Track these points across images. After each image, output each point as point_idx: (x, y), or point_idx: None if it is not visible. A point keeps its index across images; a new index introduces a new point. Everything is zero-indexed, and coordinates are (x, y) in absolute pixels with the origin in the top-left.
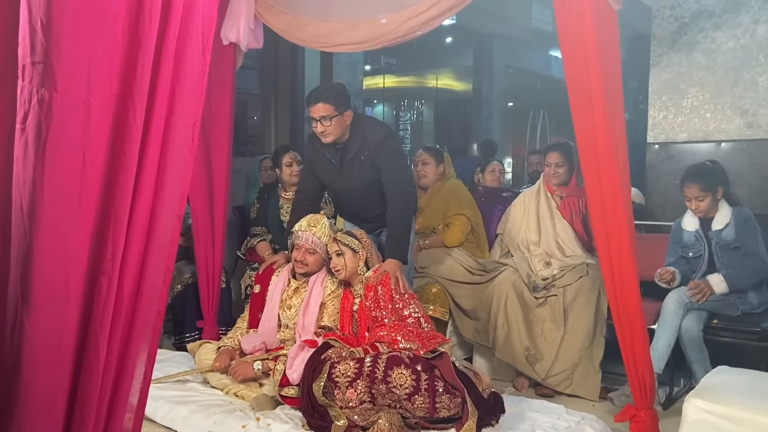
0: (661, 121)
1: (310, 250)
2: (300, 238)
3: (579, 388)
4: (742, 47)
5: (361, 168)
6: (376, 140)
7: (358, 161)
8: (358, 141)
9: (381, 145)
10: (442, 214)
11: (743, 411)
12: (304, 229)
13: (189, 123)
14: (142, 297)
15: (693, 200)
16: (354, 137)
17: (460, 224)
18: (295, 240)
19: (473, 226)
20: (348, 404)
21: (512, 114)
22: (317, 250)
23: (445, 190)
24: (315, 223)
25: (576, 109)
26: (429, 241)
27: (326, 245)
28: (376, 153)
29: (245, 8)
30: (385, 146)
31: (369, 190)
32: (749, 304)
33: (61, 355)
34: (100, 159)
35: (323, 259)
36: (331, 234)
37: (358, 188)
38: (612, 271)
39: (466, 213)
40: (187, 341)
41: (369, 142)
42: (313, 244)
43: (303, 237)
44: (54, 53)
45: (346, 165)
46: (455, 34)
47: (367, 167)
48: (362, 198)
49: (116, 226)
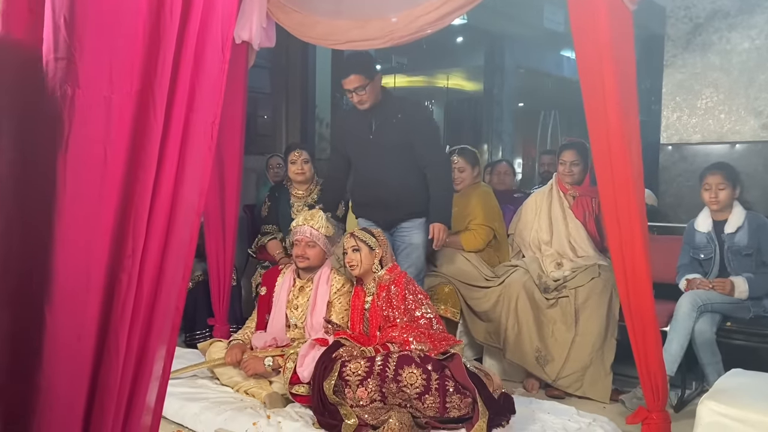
0: (674, 122)
1: (310, 243)
2: (298, 233)
3: (590, 390)
4: (757, 48)
5: (392, 132)
6: (408, 105)
7: (389, 125)
8: (391, 103)
9: (413, 111)
10: (468, 219)
11: (758, 414)
12: (301, 224)
13: (208, 120)
14: (161, 293)
15: (714, 188)
16: (386, 99)
17: (483, 233)
18: (293, 236)
19: (496, 235)
20: (358, 403)
21: (523, 114)
22: (317, 243)
23: (475, 195)
24: (311, 216)
25: (590, 109)
26: (450, 239)
27: (325, 237)
28: (409, 118)
29: (258, 7)
30: (418, 114)
31: (397, 159)
32: (762, 307)
33: (81, 350)
34: (121, 155)
35: (324, 251)
36: (329, 225)
37: (387, 154)
38: (625, 273)
39: (494, 225)
40: (197, 338)
41: (402, 105)
42: (312, 236)
43: (301, 231)
44: (77, 50)
45: (376, 130)
46: (466, 33)
47: (398, 132)
48: (388, 170)
49: (136, 222)
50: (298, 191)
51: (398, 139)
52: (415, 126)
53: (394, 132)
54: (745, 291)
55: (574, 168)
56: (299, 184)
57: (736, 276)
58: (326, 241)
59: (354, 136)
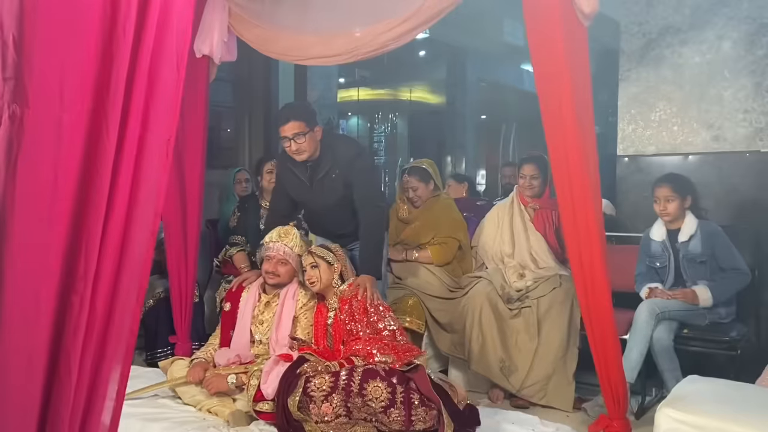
0: (630, 134)
1: (282, 260)
2: (271, 249)
3: (553, 399)
4: (708, 62)
5: (332, 185)
6: (347, 158)
7: (329, 179)
8: (329, 159)
9: (352, 162)
10: (432, 232)
11: (714, 420)
12: (275, 240)
13: (163, 139)
14: (115, 315)
15: (662, 201)
16: (324, 155)
17: (451, 246)
18: (265, 252)
19: (461, 246)
20: (323, 419)
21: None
22: (289, 261)
23: (437, 207)
24: (285, 234)
25: (547, 122)
26: (418, 255)
27: (298, 255)
28: (347, 171)
29: (218, 21)
30: (356, 164)
31: (340, 207)
32: (717, 314)
33: (31, 374)
34: (73, 175)
35: (294, 269)
36: (302, 244)
37: (330, 206)
38: (584, 282)
39: (458, 237)
40: (159, 357)
41: (340, 160)
42: (285, 254)
43: (274, 248)
44: (26, 69)
45: (317, 183)
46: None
47: (339, 185)
48: (334, 215)
49: (89, 243)
50: (267, 202)
51: (338, 193)
52: (353, 178)
53: (333, 186)
54: (708, 299)
55: (534, 181)
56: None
57: (692, 284)
58: (298, 259)
59: (296, 184)
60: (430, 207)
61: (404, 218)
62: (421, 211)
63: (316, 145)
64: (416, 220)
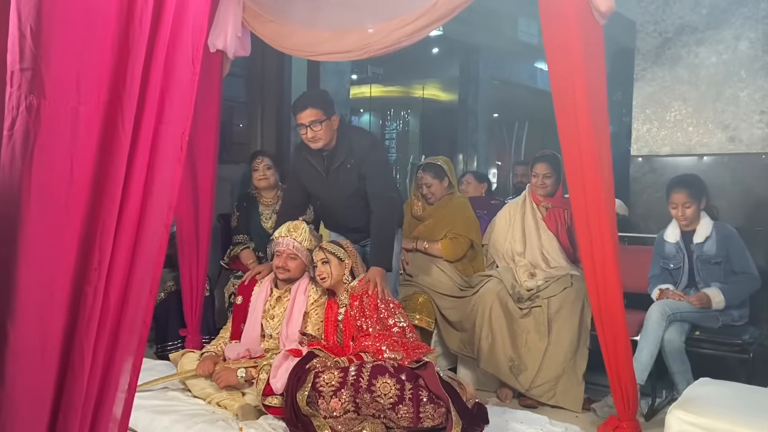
0: (644, 134)
1: (292, 255)
2: (281, 244)
3: (562, 399)
4: (724, 63)
5: (347, 176)
6: (362, 148)
7: (344, 169)
8: (345, 148)
9: (367, 153)
10: (446, 230)
11: (725, 423)
12: (284, 235)
13: (178, 132)
14: (128, 306)
15: (680, 207)
16: (340, 144)
17: (463, 243)
18: (275, 247)
19: (473, 245)
20: (332, 414)
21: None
22: (299, 255)
23: (452, 205)
24: (295, 228)
25: (561, 121)
26: (428, 245)
27: (307, 250)
28: (362, 161)
29: (233, 16)
30: (371, 154)
31: (354, 198)
32: (730, 316)
33: (45, 364)
34: (88, 167)
35: (305, 264)
36: (312, 238)
37: (344, 196)
38: (596, 283)
39: (471, 235)
40: (169, 349)
41: (355, 150)
42: (295, 249)
43: (284, 243)
44: (43, 60)
45: (332, 173)
46: (442, 45)
47: (353, 175)
48: (348, 207)
49: (103, 234)
50: (265, 198)
51: (353, 184)
52: (367, 169)
53: (348, 177)
54: (721, 301)
55: (546, 180)
56: (264, 190)
57: (705, 285)
58: (308, 254)
59: (311, 174)
60: (444, 204)
61: (418, 215)
62: (435, 208)
63: (332, 134)
64: (430, 218)
